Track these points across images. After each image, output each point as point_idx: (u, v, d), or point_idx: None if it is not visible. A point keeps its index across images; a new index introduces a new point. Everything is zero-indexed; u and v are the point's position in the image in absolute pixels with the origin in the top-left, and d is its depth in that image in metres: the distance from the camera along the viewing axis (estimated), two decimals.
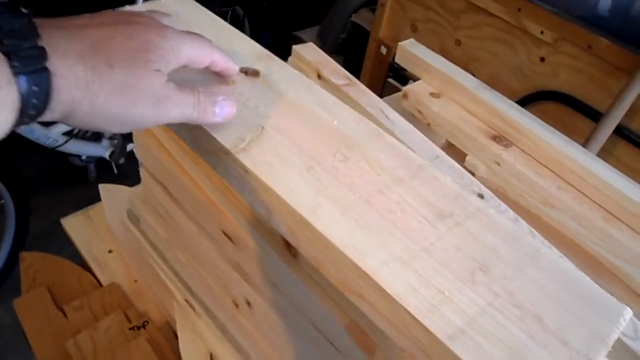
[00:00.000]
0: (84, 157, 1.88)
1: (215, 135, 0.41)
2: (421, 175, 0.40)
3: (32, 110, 0.31)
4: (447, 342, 0.29)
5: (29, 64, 0.30)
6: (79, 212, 0.90)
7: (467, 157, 0.72)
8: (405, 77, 1.71)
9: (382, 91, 1.85)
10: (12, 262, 1.57)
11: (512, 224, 0.38)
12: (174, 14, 0.53)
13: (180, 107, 0.38)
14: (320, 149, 0.41)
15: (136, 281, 0.80)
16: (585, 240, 0.63)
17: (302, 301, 0.48)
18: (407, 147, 0.43)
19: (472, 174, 0.69)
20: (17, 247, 1.57)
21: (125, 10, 0.39)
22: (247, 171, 0.39)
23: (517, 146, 0.71)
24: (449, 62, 0.80)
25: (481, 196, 0.58)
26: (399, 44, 0.81)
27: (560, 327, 0.31)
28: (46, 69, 0.31)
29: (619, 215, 0.63)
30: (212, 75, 0.45)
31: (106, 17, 0.37)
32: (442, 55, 0.81)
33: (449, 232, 0.36)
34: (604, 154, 1.23)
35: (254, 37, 0.53)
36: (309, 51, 0.78)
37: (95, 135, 1.83)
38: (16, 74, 0.30)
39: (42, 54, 0.31)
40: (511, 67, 1.54)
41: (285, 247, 0.47)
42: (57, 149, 1.70)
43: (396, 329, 0.33)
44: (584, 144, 1.20)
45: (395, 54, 0.83)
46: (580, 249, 0.64)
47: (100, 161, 1.93)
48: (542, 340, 0.30)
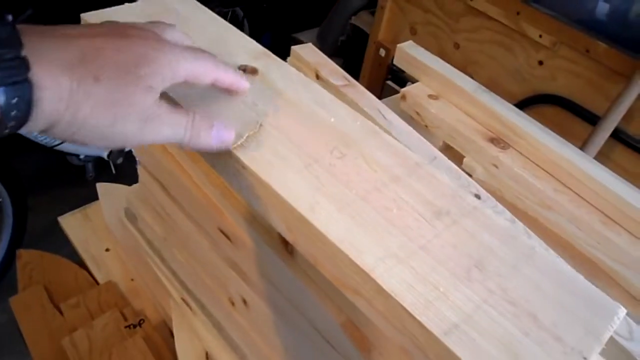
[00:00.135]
0: (82, 156, 1.87)
1: None
2: (418, 173, 0.41)
3: (11, 121, 0.30)
4: (442, 338, 0.30)
5: (10, 75, 0.29)
6: (76, 210, 0.89)
7: (464, 159, 0.72)
8: (403, 80, 1.71)
9: (380, 93, 1.85)
10: (9, 260, 1.57)
11: (508, 224, 0.38)
12: (174, 12, 0.53)
13: (171, 129, 0.36)
14: (317, 147, 0.41)
15: (133, 280, 0.80)
16: (582, 243, 0.63)
17: (298, 299, 0.48)
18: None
19: (470, 175, 0.70)
20: (14, 246, 1.56)
21: (126, 22, 0.37)
22: (244, 168, 0.39)
23: (514, 148, 0.71)
24: (447, 64, 0.80)
25: (478, 197, 0.58)
26: (398, 45, 0.82)
27: (554, 325, 0.31)
28: (28, 80, 0.29)
29: (617, 218, 0.63)
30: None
31: (101, 27, 0.35)
32: (440, 58, 0.81)
33: (445, 230, 0.36)
34: (602, 158, 1.23)
35: (253, 39, 0.53)
36: (307, 52, 0.78)
37: None
38: None
39: (24, 65, 0.29)
40: (510, 71, 1.54)
41: (282, 245, 0.47)
42: (55, 147, 1.70)
43: (392, 325, 0.33)
44: (582, 148, 1.20)
45: (394, 57, 0.83)
46: (577, 251, 0.64)
47: (98, 161, 1.92)
48: (536, 336, 0.31)
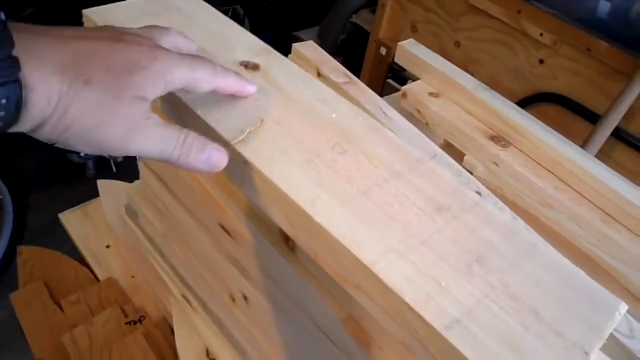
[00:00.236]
0: (82, 154, 1.87)
1: (214, 126, 0.41)
2: (419, 169, 0.41)
3: (0, 122, 0.29)
4: (443, 333, 0.30)
5: (0, 75, 0.28)
6: (77, 207, 0.89)
7: (465, 157, 0.72)
8: (404, 78, 1.72)
9: (381, 92, 1.85)
10: (10, 257, 1.57)
11: (510, 220, 0.38)
12: (176, 9, 0.53)
13: (158, 143, 0.34)
14: (319, 142, 0.41)
15: (133, 276, 0.80)
16: (582, 241, 0.63)
17: (299, 295, 0.48)
18: None
19: (471, 173, 0.70)
20: (15, 243, 1.57)
21: (126, 27, 0.37)
22: (246, 163, 0.39)
23: (515, 147, 0.71)
24: (448, 63, 0.80)
25: (479, 194, 0.58)
26: (399, 43, 0.81)
27: (556, 320, 0.31)
28: (18, 81, 0.29)
29: (618, 217, 0.63)
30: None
31: (98, 31, 0.35)
32: (441, 56, 0.81)
33: (446, 226, 0.36)
34: (602, 157, 1.23)
35: None
36: (309, 49, 0.78)
37: None
38: None
39: (14, 65, 0.29)
40: (511, 69, 1.54)
41: (283, 241, 0.47)
42: (56, 144, 1.70)
43: (393, 320, 0.33)
44: (583, 146, 1.20)
45: (395, 55, 0.83)
46: (577, 249, 0.64)
47: (99, 158, 1.93)
48: (537, 332, 0.31)
